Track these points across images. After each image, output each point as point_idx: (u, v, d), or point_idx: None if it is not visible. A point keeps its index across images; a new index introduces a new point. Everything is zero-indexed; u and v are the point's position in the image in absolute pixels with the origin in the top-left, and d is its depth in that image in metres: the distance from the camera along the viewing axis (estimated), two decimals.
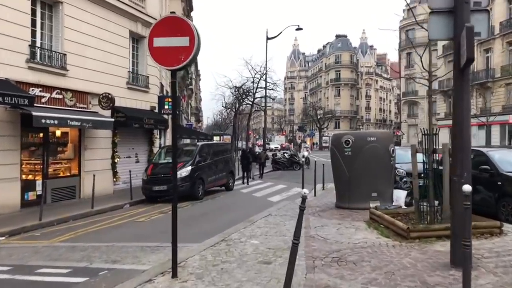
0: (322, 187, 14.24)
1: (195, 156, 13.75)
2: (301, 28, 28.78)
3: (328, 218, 8.26)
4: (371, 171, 9.04)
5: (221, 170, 15.39)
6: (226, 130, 77.04)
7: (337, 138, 9.48)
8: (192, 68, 74.47)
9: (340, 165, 9.34)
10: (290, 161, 27.15)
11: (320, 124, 75.04)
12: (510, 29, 34.21)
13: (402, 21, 65.21)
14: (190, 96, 49.38)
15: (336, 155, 9.47)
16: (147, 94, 17.22)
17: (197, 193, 13.42)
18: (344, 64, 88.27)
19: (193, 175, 13.35)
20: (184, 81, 33.52)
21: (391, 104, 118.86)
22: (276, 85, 34.38)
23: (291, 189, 15.83)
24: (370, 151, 9.02)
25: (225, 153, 16.25)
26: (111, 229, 9.33)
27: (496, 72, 36.18)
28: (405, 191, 9.22)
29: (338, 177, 9.64)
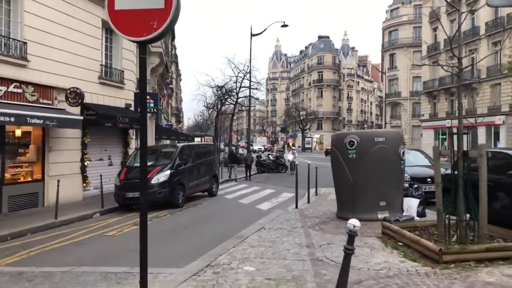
0: (315, 192, 13.00)
1: (174, 159, 12.32)
2: (287, 25, 27.61)
3: (332, 233, 6.98)
4: (379, 176, 7.83)
5: (203, 174, 13.98)
6: (207, 131, 75.50)
7: (339, 138, 8.22)
8: (173, 67, 72.72)
9: (343, 169, 8.09)
10: (276, 163, 25.92)
11: (303, 125, 74.21)
12: (496, 29, 33.90)
13: (385, 22, 65.00)
14: (170, 96, 47.65)
15: (337, 158, 8.22)
16: (121, 90, 15.66)
17: (177, 200, 11.99)
18: (326, 65, 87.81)
19: (173, 180, 11.92)
20: (163, 79, 31.90)
21: (372, 105, 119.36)
22: (260, 84, 33.05)
23: (280, 194, 14.54)
24: (378, 154, 7.80)
25: (208, 155, 14.85)
26: (74, 247, 7.83)
27: (481, 73, 35.83)
28: (417, 200, 8.04)
29: (340, 183, 8.39)
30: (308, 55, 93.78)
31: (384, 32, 64.72)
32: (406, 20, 59.90)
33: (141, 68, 3.86)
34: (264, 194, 14.81)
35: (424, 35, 46.65)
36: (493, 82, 34.35)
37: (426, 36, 45.50)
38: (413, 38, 59.44)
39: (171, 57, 51.60)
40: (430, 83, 43.87)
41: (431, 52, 43.78)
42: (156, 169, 11.90)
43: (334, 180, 8.66)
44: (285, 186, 17.19)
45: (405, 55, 59.82)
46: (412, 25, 59.39)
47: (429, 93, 44.28)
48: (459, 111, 6.15)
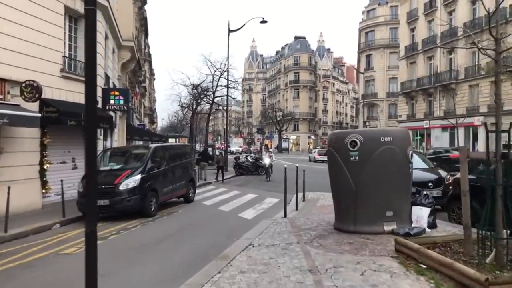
0: (303, 198, 11.88)
1: (146, 161, 10.94)
2: (266, 21, 26.51)
3: (336, 251, 5.84)
4: (385, 182, 6.76)
5: (179, 178, 12.64)
6: (182, 132, 73.70)
7: (339, 138, 7.10)
8: (146, 66, 70.55)
9: (343, 174, 6.97)
10: (255, 165, 24.75)
11: (280, 126, 73.41)
12: (474, 30, 33.84)
13: (362, 22, 64.97)
14: (143, 95, 45.76)
15: (336, 161, 7.09)
16: None
17: (148, 209, 10.62)
18: (303, 66, 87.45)
19: (144, 185, 10.55)
20: (135, 76, 30.24)
21: (347, 107, 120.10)
22: (238, 83, 31.78)
23: (263, 199, 13.35)
24: (384, 156, 6.73)
25: (184, 157, 13.51)
26: (21, 271, 6.40)
27: (460, 74, 35.77)
28: (428, 208, 7.01)
29: (339, 190, 7.28)
30: (284, 56, 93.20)
31: (360, 33, 64.68)
32: (383, 21, 59.98)
33: (88, 30, 2.60)
34: (246, 199, 13.59)
35: (401, 36, 46.57)
36: (472, 83, 34.28)
37: (403, 36, 45.42)
38: (390, 39, 59.58)
39: (144, 55, 49.70)
40: (408, 84, 43.71)
41: (408, 52, 43.63)
42: (125, 173, 10.50)
43: (332, 186, 7.54)
44: (268, 190, 16.04)
45: (381, 56, 59.89)
46: (388, 26, 59.52)
47: (407, 93, 44.12)
48: (497, 104, 5.11)
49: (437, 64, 38.92)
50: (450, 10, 37.38)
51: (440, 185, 9.57)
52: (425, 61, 41.10)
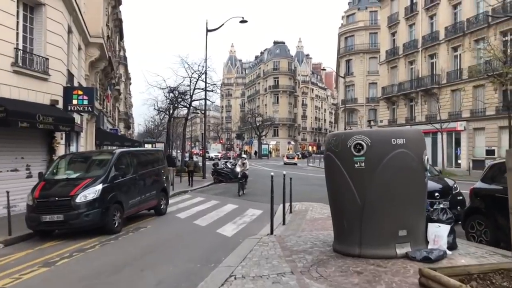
0: (290, 209, 10.55)
1: (109, 169, 9.40)
2: (246, 21, 25.24)
3: (345, 286, 4.50)
4: (398, 194, 5.51)
5: (149, 188, 11.12)
6: (159, 137, 71.67)
7: (340, 140, 5.78)
8: (122, 70, 68.43)
9: (345, 184, 5.67)
10: (235, 172, 23.29)
11: (259, 131, 72.21)
12: (456, 34, 33.54)
13: (341, 28, 64.65)
14: (117, 99, 43.74)
15: (336, 168, 5.79)
16: (45, 82, 12.45)
17: (111, 225, 9.08)
18: (282, 71, 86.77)
19: (106, 197, 9.01)
20: (107, 78, 28.45)
21: (326, 112, 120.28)
22: (216, 86, 30.34)
23: (245, 211, 11.95)
24: (396, 162, 5.47)
25: (156, 163, 11.99)
26: None
27: (442, 78, 35.36)
28: (447, 226, 5.78)
29: (340, 204, 5.97)
30: (263, 61, 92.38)
31: (340, 38, 64.34)
32: (362, 26, 59.78)
33: None
34: (225, 211, 12.15)
35: (382, 40, 46.17)
36: (454, 87, 33.88)
37: (384, 40, 44.99)
38: (369, 44, 59.38)
39: (118, 57, 47.74)
40: (389, 89, 43.21)
41: (389, 57, 43.18)
42: (83, 183, 8.94)
43: (331, 199, 6.23)
44: (249, 200, 14.66)
45: (361, 61, 59.62)
46: (368, 31, 59.34)
47: (388, 98, 43.60)
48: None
49: (419, 69, 38.51)
50: (431, 14, 37.05)
51: (448, 195, 8.42)
52: (406, 66, 40.67)
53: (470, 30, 31.89)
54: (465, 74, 32.52)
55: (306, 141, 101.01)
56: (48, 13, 12.36)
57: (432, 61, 37.31)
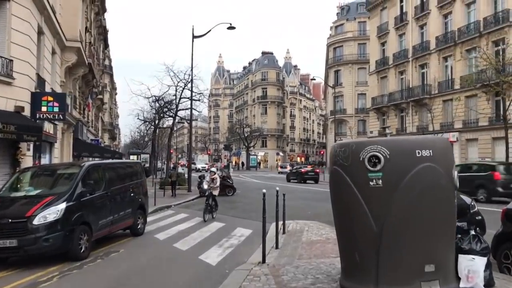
0: (283, 229, 9.36)
1: (75, 185, 8.12)
2: (234, 27, 24.25)
3: None
4: (424, 219, 4.39)
5: (124, 205, 9.83)
6: (145, 148, 70.07)
7: (350, 151, 4.64)
8: (107, 79, 66.97)
9: (358, 207, 4.53)
10: (222, 185, 22.01)
11: (248, 142, 71.12)
12: (447, 44, 33.09)
13: (330, 38, 64.32)
14: (100, 108, 42.28)
15: (346, 186, 4.65)
16: (9, 87, 11.13)
17: (76, 250, 7.77)
18: (270, 82, 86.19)
19: (70, 218, 7.72)
20: (87, 85, 27.08)
21: (314, 124, 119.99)
22: (203, 95, 29.19)
23: (232, 230, 10.71)
24: (422, 179, 4.36)
25: (133, 177, 10.71)
26: None
27: (433, 88, 34.80)
28: (483, 258, 4.66)
29: (351, 232, 4.81)
30: (252, 71, 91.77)
31: (328, 49, 64.00)
32: (351, 37, 59.52)
33: None
34: (210, 230, 10.89)
35: (371, 50, 45.73)
36: (445, 97, 33.31)
37: (374, 51, 44.55)
38: (358, 54, 59.09)
39: (102, 66, 46.36)
40: (379, 99, 42.62)
41: (379, 67, 42.66)
42: (43, 202, 7.64)
43: (338, 224, 5.08)
44: (237, 217, 13.43)
45: (350, 71, 59.24)
46: (357, 41, 59.09)
47: (378, 109, 42.99)
48: None
49: (409, 79, 37.99)
50: (422, 24, 36.68)
51: (465, 214, 7.31)
52: (397, 76, 40.16)
53: (462, 39, 31.46)
54: (457, 84, 31.98)
55: (295, 152, 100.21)
56: (13, 10, 11.12)
57: (423, 71, 36.82)
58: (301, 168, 38.76)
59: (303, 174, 34.84)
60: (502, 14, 28.24)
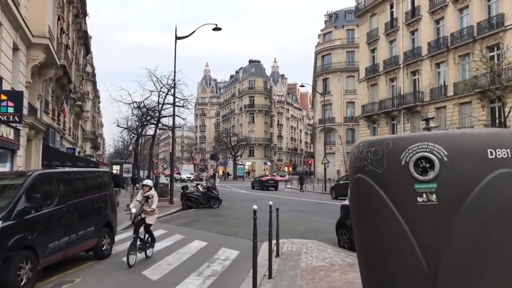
0: (276, 252, 7.79)
1: (15, 200, 6.44)
2: (220, 28, 22.89)
3: None
4: (501, 256, 2.87)
5: (85, 223, 8.15)
6: (128, 158, 67.92)
7: (385, 150, 3.13)
8: (89, 87, 64.89)
9: (398, 235, 3.01)
10: (207, 195, 20.45)
11: (235, 151, 69.51)
12: (439, 49, 32.23)
13: (318, 46, 63.47)
14: (79, 115, 40.30)
15: (378, 203, 3.12)
16: None
17: (13, 283, 6.06)
18: (258, 90, 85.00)
19: (6, 241, 6.04)
20: (63, 89, 25.30)
21: (301, 133, 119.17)
22: (187, 101, 27.54)
23: (216, 251, 9.08)
24: (499, 192, 2.86)
25: (96, 189, 9.03)
26: None
27: (425, 95, 33.86)
28: None
29: (386, 273, 3.26)
30: (239, 80, 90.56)
31: (316, 57, 63.12)
32: (339, 45, 58.77)
33: None
34: (189, 251, 9.25)
35: (361, 57, 44.79)
36: (438, 105, 32.35)
37: (363, 57, 43.62)
38: (347, 62, 58.34)
39: (82, 72, 44.50)
40: (369, 107, 41.62)
41: (369, 74, 41.70)
42: None
43: (364, 261, 3.53)
44: (222, 233, 11.80)
45: (338, 80, 58.40)
46: (345, 49, 58.37)
47: (368, 117, 41.96)
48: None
49: (400, 86, 37.05)
50: (413, 30, 35.87)
51: None
52: (387, 83, 39.22)
53: (455, 45, 30.62)
54: (450, 91, 31.08)
55: (282, 162, 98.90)
56: None
57: (414, 78, 35.92)
58: (262, 177, 45.21)
59: (264, 182, 40.15)
60: (497, 19, 27.46)
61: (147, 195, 8.70)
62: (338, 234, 8.57)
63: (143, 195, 8.72)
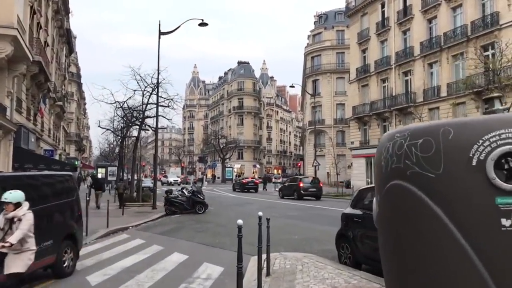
0: (267, 269, 6.60)
1: None
2: (206, 24, 21.71)
3: None
4: None
5: (39, 237, 6.86)
6: (114, 160, 66.13)
7: (443, 143, 2.01)
8: (73, 88, 63.02)
9: (465, 272, 1.85)
10: (192, 200, 19.17)
11: (223, 154, 68.17)
12: (432, 49, 31.47)
13: (307, 47, 62.61)
14: (60, 116, 38.64)
15: (432, 226, 1.98)
16: None
17: None
18: (247, 92, 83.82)
19: None
20: (40, 88, 23.81)
21: (291, 135, 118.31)
22: (173, 101, 26.14)
23: (197, 267, 7.83)
24: None
25: (57, 196, 7.75)
26: None
27: (417, 96, 33.06)
28: None
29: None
30: (227, 81, 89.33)
31: (306, 58, 62.24)
32: (329, 46, 57.98)
33: None
34: (166, 267, 7.99)
35: (352, 57, 43.92)
36: (431, 106, 31.54)
37: (354, 58, 42.75)
38: (337, 64, 57.55)
39: (64, 71, 42.86)
40: (360, 108, 40.71)
41: (360, 75, 40.84)
42: None
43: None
44: (206, 244, 10.56)
45: (328, 81, 57.56)
46: (335, 50, 57.59)
47: (359, 118, 41.05)
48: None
49: (392, 87, 36.21)
50: (405, 29, 35.08)
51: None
52: (379, 84, 38.37)
53: (448, 44, 29.85)
54: (443, 91, 30.31)
55: (272, 164, 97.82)
56: None
57: (406, 78, 35.11)
58: (243, 179, 45.58)
59: (244, 184, 40.96)
60: (491, 17, 26.75)
61: (11, 218, 5.50)
62: (338, 247, 7.43)
63: (5, 217, 5.53)
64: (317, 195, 29.07)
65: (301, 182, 29.16)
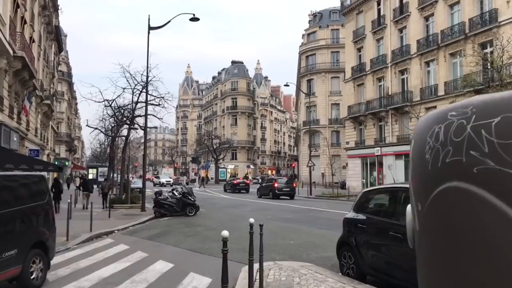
0: (260, 281, 5.82)
1: None
2: (197, 18, 20.86)
3: None
4: None
5: (3, 246, 6.05)
6: (105, 161, 65.00)
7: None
8: (64, 87, 61.85)
9: None
10: (182, 202, 18.35)
11: (217, 154, 67.29)
12: (429, 47, 30.90)
13: (302, 46, 61.95)
14: (48, 115, 37.59)
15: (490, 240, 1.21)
16: None
17: None
18: (240, 91, 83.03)
19: None
20: (24, 85, 22.86)
21: (285, 136, 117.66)
22: (164, 99, 25.28)
23: (181, 280, 6.98)
24: None
25: (24, 200, 6.91)
26: None
27: (414, 96, 32.46)
28: None
29: None
30: (221, 81, 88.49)
31: (301, 57, 61.58)
32: (324, 45, 57.38)
33: None
34: (148, 279, 7.17)
35: (347, 56, 43.27)
36: (428, 105, 30.93)
37: (349, 57, 42.11)
38: (331, 63, 56.94)
39: (53, 69, 41.81)
40: (356, 108, 40.05)
41: (355, 73, 40.20)
42: None
43: None
44: (194, 250, 9.75)
45: (323, 81, 56.94)
46: (330, 49, 56.99)
47: (354, 118, 40.40)
48: None
49: (388, 86, 35.60)
50: (401, 27, 34.48)
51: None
52: (375, 83, 37.74)
53: (445, 42, 29.29)
54: (441, 90, 29.75)
55: (266, 165, 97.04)
56: None
57: (403, 77, 34.52)
58: (234, 180, 45.18)
59: (235, 185, 40.79)
60: (490, 15, 26.21)
61: None
62: (340, 256, 6.67)
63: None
64: (291, 195, 30.98)
65: (276, 183, 31.43)
